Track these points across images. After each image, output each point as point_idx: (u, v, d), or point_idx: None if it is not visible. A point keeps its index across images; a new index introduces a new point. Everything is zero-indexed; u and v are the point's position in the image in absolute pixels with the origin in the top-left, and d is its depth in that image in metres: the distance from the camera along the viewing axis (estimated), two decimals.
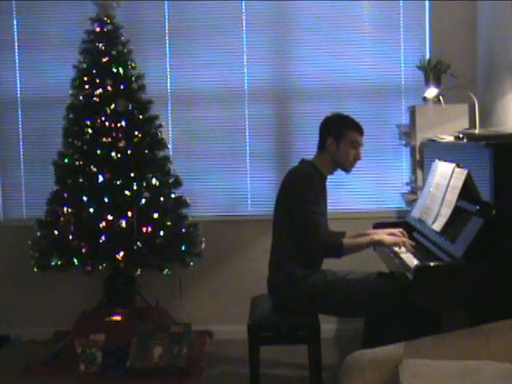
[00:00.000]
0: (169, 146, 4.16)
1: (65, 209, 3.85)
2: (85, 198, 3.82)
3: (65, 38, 4.38)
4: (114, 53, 3.97)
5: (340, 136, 3.17)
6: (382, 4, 4.35)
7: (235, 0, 4.39)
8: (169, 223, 3.89)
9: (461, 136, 3.11)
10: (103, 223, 3.77)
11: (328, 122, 3.24)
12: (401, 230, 3.26)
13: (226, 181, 4.48)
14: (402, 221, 3.68)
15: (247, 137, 4.46)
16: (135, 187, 3.84)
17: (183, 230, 3.98)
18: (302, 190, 3.07)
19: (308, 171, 3.16)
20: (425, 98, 4.00)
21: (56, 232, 3.84)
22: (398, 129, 4.24)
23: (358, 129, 3.20)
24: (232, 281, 4.43)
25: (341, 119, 3.23)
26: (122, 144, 3.87)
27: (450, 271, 2.53)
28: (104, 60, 3.94)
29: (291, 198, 3.10)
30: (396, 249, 3.10)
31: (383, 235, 3.17)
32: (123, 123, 3.90)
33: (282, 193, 3.20)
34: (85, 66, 3.97)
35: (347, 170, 3.25)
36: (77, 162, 3.90)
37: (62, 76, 4.21)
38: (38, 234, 3.94)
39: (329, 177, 3.29)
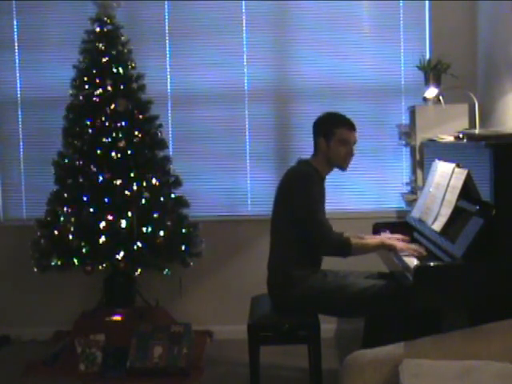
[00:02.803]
0: (169, 146, 4.16)
1: (65, 209, 3.86)
2: (85, 198, 3.82)
3: (65, 38, 4.38)
4: (114, 53, 3.97)
5: (328, 134, 3.17)
6: (382, 4, 4.35)
7: (235, 0, 4.39)
8: (169, 223, 3.89)
9: (461, 136, 3.11)
10: (103, 223, 3.77)
11: (317, 122, 3.25)
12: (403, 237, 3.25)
13: (226, 181, 4.48)
14: (402, 221, 3.68)
15: (247, 137, 4.46)
16: (135, 187, 3.84)
17: (183, 230, 3.98)
18: (304, 189, 3.06)
19: (308, 171, 3.16)
20: (425, 98, 4.00)
21: (56, 232, 3.84)
22: (398, 129, 4.24)
23: (346, 125, 3.19)
24: (232, 281, 4.43)
25: (329, 118, 3.23)
26: (122, 144, 3.87)
27: (449, 271, 2.53)
28: (104, 60, 3.94)
29: (293, 198, 3.08)
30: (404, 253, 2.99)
31: (395, 241, 3.10)
32: (123, 123, 3.90)
33: (282, 192, 3.19)
34: (85, 66, 3.97)
35: (343, 167, 3.24)
36: (77, 162, 3.90)
37: (62, 76, 4.21)
38: (38, 234, 3.94)
39: (329, 177, 3.29)
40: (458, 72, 4.01)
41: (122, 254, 3.77)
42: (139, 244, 3.79)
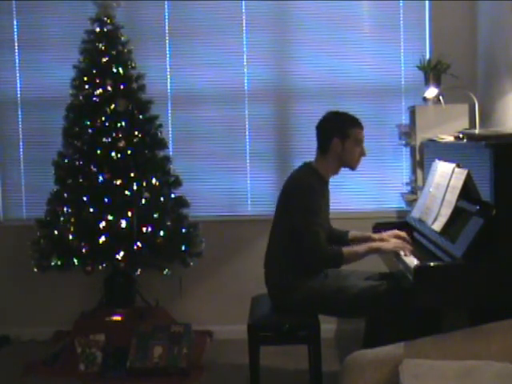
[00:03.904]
0: (169, 146, 4.16)
1: (65, 209, 3.86)
2: (85, 198, 3.82)
3: (65, 38, 4.39)
4: (114, 53, 3.97)
5: (344, 136, 3.10)
6: (382, 4, 4.36)
7: (235, 0, 4.39)
8: (169, 223, 3.89)
9: (461, 136, 3.11)
10: (103, 223, 3.77)
11: (329, 123, 3.16)
12: (403, 233, 3.26)
13: (226, 181, 4.48)
14: (402, 221, 3.68)
15: (247, 137, 4.46)
16: (135, 187, 3.84)
17: (183, 229, 3.98)
18: (302, 202, 3.00)
19: (308, 181, 3.08)
20: (425, 98, 4.00)
21: (56, 232, 3.84)
22: (398, 129, 4.24)
23: (359, 125, 3.15)
24: (232, 281, 4.43)
25: (341, 118, 3.16)
26: (121, 144, 3.87)
27: (449, 271, 2.53)
28: (104, 60, 3.94)
29: (291, 209, 3.04)
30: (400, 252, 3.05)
31: (381, 243, 3.12)
32: (123, 123, 3.90)
33: (283, 198, 3.15)
34: (85, 66, 3.97)
35: (354, 167, 3.20)
36: (77, 162, 3.90)
37: (62, 76, 4.21)
38: (38, 234, 3.94)
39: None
40: (457, 72, 4.01)
41: (121, 253, 3.77)
42: (139, 244, 3.79)
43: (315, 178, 3.12)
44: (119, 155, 3.87)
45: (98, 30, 3.99)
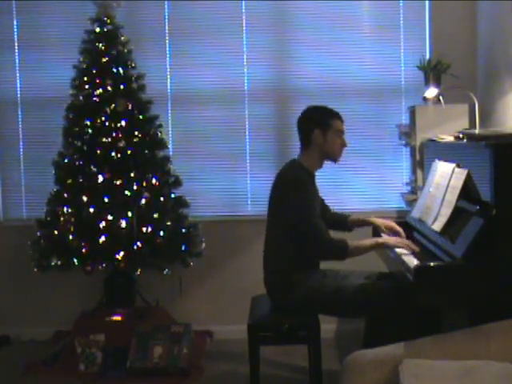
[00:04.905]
0: (169, 146, 4.16)
1: (65, 209, 3.86)
2: (85, 198, 3.82)
3: (65, 38, 4.39)
4: (114, 53, 3.98)
5: (326, 126, 3.15)
6: (382, 4, 4.36)
7: (235, 0, 4.39)
8: (169, 223, 3.89)
9: (461, 136, 3.11)
10: (103, 223, 3.77)
11: (309, 116, 3.23)
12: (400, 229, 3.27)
13: (226, 181, 4.48)
14: (402, 221, 3.68)
15: (247, 137, 4.46)
16: (135, 187, 3.85)
17: (183, 230, 3.98)
18: (297, 196, 3.01)
19: (296, 176, 3.09)
20: (425, 98, 4.01)
21: (56, 232, 3.84)
22: (398, 129, 4.24)
23: (339, 117, 3.21)
24: (232, 281, 4.43)
25: (322, 110, 3.22)
26: (122, 144, 3.87)
27: (449, 271, 2.53)
28: (104, 60, 3.94)
29: (287, 204, 3.04)
30: (399, 250, 3.04)
31: (387, 238, 3.15)
32: (123, 123, 3.90)
33: (275, 196, 3.16)
34: (85, 66, 3.97)
35: (336, 159, 3.23)
36: (77, 162, 3.90)
37: (62, 76, 4.21)
38: (38, 234, 3.94)
39: (329, 177, 3.28)
40: (457, 72, 4.01)
41: (121, 253, 3.77)
42: (139, 244, 3.79)
43: (301, 172, 3.14)
44: (119, 155, 3.87)
45: (97, 30, 3.98)
